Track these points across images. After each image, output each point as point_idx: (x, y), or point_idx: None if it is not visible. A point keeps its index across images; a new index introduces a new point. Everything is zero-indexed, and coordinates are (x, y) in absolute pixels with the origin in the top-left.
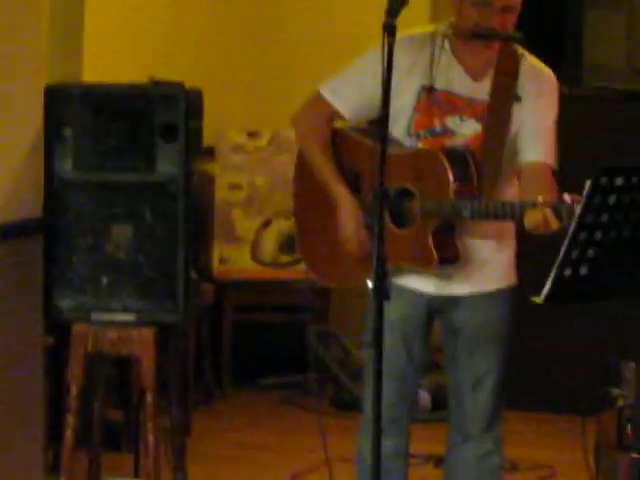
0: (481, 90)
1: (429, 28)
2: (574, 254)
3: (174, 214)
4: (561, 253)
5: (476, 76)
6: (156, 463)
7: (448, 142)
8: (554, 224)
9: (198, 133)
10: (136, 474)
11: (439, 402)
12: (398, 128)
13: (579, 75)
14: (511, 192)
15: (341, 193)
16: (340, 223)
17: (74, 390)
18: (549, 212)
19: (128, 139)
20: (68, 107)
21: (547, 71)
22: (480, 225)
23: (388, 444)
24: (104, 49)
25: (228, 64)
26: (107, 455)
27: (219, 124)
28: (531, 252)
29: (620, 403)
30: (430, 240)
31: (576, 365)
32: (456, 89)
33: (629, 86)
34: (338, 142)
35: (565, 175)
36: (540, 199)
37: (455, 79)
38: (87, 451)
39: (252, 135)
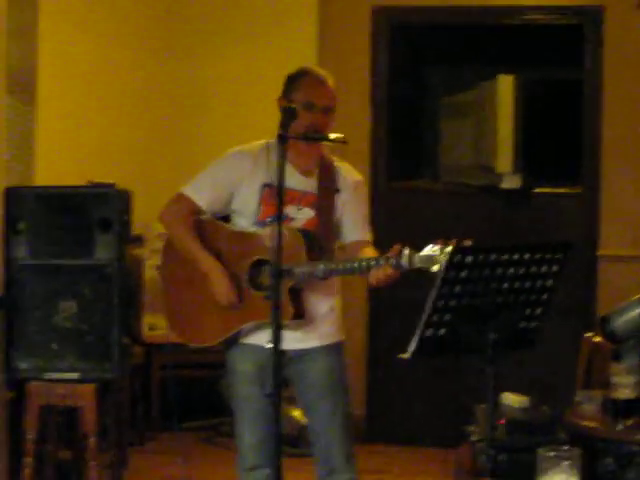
0: (311, 184)
1: (263, 140)
2: (434, 318)
3: (110, 291)
4: (423, 317)
5: (305, 173)
6: None
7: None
8: (394, 274)
9: (128, 224)
10: None
11: None
12: (245, 218)
13: (437, 173)
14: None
15: (211, 263)
16: (214, 285)
17: (30, 436)
18: (389, 266)
19: (71, 230)
20: (22, 205)
21: (356, 171)
22: (321, 287)
23: (265, 472)
24: (52, 156)
25: (153, 165)
26: None
27: (147, 215)
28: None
29: (474, 438)
30: (286, 298)
31: (440, 406)
32: (291, 184)
33: (478, 181)
34: (201, 230)
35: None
36: (383, 256)
37: (289, 177)
38: None
39: None
